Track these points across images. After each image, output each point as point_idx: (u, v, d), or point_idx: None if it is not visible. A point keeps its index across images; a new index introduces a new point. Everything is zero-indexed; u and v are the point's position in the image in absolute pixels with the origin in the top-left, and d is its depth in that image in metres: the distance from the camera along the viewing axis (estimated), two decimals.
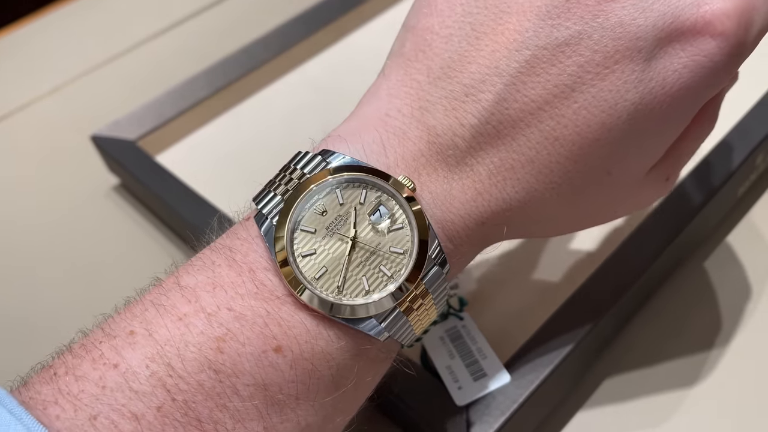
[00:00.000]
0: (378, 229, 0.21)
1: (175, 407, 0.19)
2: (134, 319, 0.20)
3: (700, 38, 0.21)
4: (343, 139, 0.22)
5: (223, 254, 0.21)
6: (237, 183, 0.42)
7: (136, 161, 0.41)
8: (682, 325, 0.31)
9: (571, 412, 0.29)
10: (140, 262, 0.40)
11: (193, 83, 0.45)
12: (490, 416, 0.26)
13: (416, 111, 0.22)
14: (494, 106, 0.21)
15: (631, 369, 0.30)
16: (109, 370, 0.19)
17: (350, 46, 0.50)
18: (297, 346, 0.20)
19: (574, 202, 0.23)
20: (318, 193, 0.21)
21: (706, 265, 0.33)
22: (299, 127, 0.45)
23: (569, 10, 0.21)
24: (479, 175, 0.22)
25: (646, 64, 0.21)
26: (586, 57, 0.21)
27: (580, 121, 0.21)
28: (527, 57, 0.21)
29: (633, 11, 0.21)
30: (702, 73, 0.21)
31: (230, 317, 0.20)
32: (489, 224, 0.23)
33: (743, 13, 0.21)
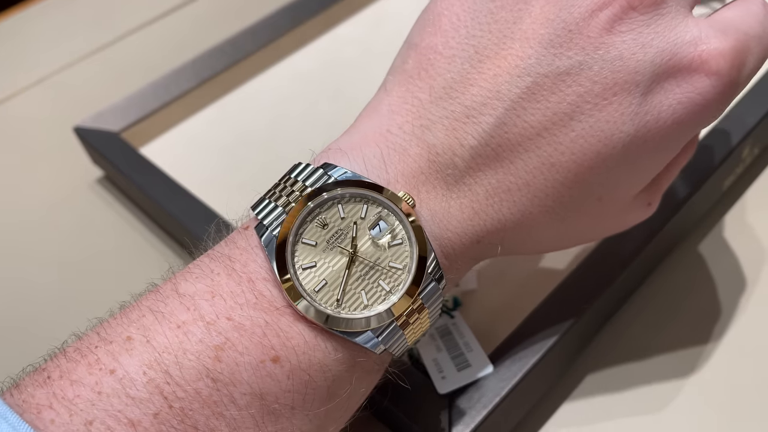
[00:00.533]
0: (378, 243, 0.21)
1: (171, 414, 0.19)
2: (131, 325, 0.20)
3: (695, 76, 0.21)
4: (344, 152, 0.23)
5: (222, 263, 0.21)
6: (222, 175, 0.42)
7: (119, 153, 0.40)
8: (667, 319, 0.31)
9: (555, 405, 0.29)
10: (124, 255, 0.39)
11: (178, 75, 0.45)
12: (473, 409, 0.26)
13: (417, 129, 0.23)
14: (494, 129, 0.22)
15: (615, 362, 0.30)
16: (106, 376, 0.19)
17: (337, 38, 0.50)
18: (294, 357, 0.20)
19: (564, 225, 0.23)
20: (320, 207, 0.21)
21: (690, 258, 0.33)
22: (285, 120, 0.44)
23: (571, 41, 0.21)
24: (477, 195, 0.23)
25: (642, 98, 0.21)
26: (585, 87, 0.21)
27: (576, 149, 0.22)
28: (528, 83, 0.21)
29: (633, 46, 0.21)
30: (695, 109, 0.22)
31: (229, 326, 0.20)
32: (484, 242, 0.23)
33: (737, 55, 0.21)
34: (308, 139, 0.43)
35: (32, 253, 0.40)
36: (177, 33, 0.53)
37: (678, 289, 0.32)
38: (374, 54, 0.48)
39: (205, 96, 0.45)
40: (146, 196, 0.38)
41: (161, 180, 0.38)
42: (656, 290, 0.32)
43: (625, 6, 0.21)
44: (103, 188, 0.43)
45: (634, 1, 0.21)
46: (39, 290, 0.38)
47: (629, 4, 0.21)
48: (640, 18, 0.21)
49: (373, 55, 0.48)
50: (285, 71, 0.48)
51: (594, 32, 0.21)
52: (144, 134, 0.44)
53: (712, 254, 0.33)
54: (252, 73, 0.47)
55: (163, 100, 0.44)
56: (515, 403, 0.27)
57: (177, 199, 0.37)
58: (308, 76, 0.47)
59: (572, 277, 0.29)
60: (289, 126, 0.44)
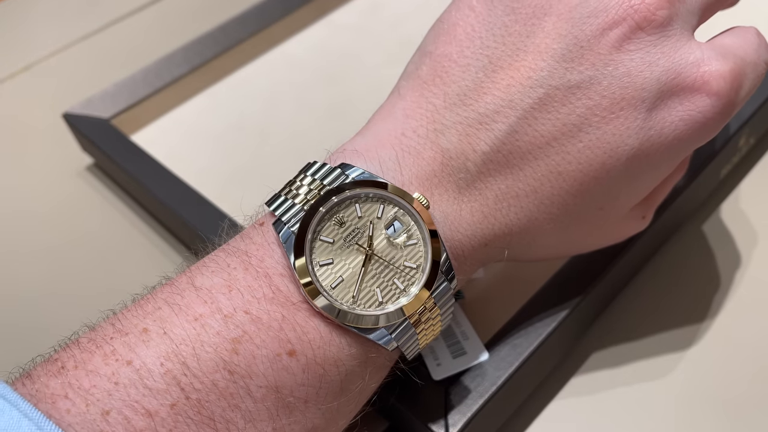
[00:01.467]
0: (393, 243, 0.22)
1: (188, 405, 0.19)
2: (147, 317, 0.20)
3: (697, 95, 0.22)
4: (361, 154, 0.23)
5: (238, 258, 0.22)
6: (214, 163, 0.41)
7: (110, 140, 0.40)
8: (663, 307, 0.31)
9: (551, 394, 0.29)
10: (114, 243, 0.39)
11: (169, 61, 0.44)
12: (470, 399, 0.25)
13: (431, 133, 0.24)
14: (506, 136, 0.23)
15: (611, 351, 0.30)
16: (123, 366, 0.19)
17: (331, 24, 0.49)
18: (310, 351, 0.21)
19: (565, 233, 0.24)
20: (338, 205, 0.22)
21: (687, 246, 0.33)
22: (278, 107, 0.44)
23: (582, 56, 0.22)
24: (487, 199, 0.23)
25: (648, 114, 0.22)
26: (594, 101, 0.22)
27: (583, 159, 0.23)
28: (541, 94, 0.23)
29: (640, 64, 0.22)
30: (695, 127, 0.23)
31: (246, 320, 0.20)
32: (491, 246, 0.24)
33: (736, 77, 0.23)
34: (301, 127, 0.42)
35: (20, 241, 0.39)
36: (168, 19, 0.52)
37: (675, 275, 0.32)
38: (368, 41, 0.47)
39: (197, 83, 0.45)
40: (137, 183, 0.37)
41: (152, 167, 0.38)
42: (654, 277, 0.32)
43: (634, 26, 0.22)
44: (93, 176, 0.42)
45: (643, 22, 0.22)
46: (27, 279, 0.37)
47: (638, 24, 0.22)
48: (647, 38, 0.22)
49: (366, 43, 0.47)
50: (278, 58, 0.47)
51: (604, 49, 0.22)
52: (134, 121, 0.43)
53: (709, 241, 0.33)
54: (244, 60, 0.47)
55: (154, 87, 0.43)
56: (512, 391, 0.27)
57: (168, 187, 0.37)
58: (301, 63, 0.46)
59: (569, 265, 0.29)
60: (281, 113, 0.43)
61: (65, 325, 0.23)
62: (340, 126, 0.42)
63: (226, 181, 0.40)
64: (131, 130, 0.43)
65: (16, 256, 0.39)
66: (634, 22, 0.22)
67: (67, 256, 0.38)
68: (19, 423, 0.17)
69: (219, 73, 0.46)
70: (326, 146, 0.40)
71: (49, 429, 0.18)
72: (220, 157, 0.41)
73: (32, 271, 0.38)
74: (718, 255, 0.33)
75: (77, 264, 0.38)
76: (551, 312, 0.28)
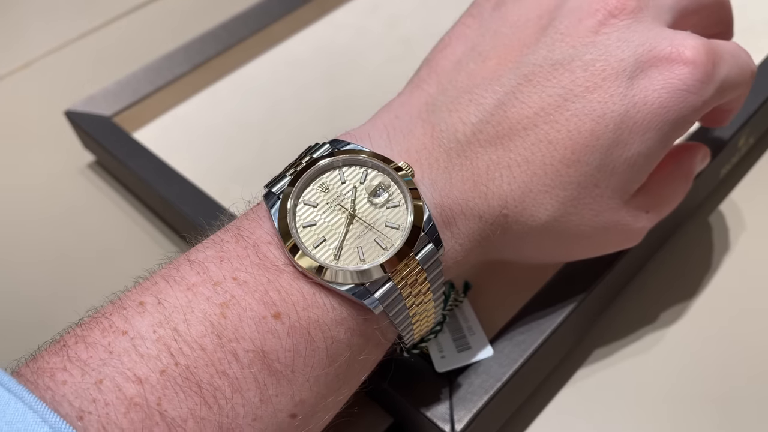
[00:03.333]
0: (376, 205, 0.23)
1: (177, 371, 0.19)
2: (144, 292, 0.21)
3: (674, 65, 0.24)
4: (353, 135, 0.25)
5: (231, 232, 0.23)
6: (215, 160, 0.41)
7: (112, 137, 0.40)
8: (665, 305, 0.31)
9: (554, 391, 0.29)
10: (116, 240, 0.39)
11: (170, 59, 0.44)
12: (475, 395, 0.25)
13: (423, 113, 0.25)
14: (494, 108, 0.24)
15: (614, 348, 0.30)
16: (118, 337, 0.20)
17: (332, 23, 0.49)
18: (294, 313, 0.21)
19: (564, 212, 0.24)
20: (321, 172, 0.23)
21: (688, 244, 0.34)
22: (279, 105, 0.44)
23: (563, 41, 0.24)
24: (478, 168, 0.24)
25: (629, 82, 0.24)
26: (576, 74, 0.24)
27: (572, 127, 0.24)
28: (526, 72, 0.24)
29: (616, 41, 0.24)
30: (677, 94, 0.24)
31: (234, 285, 0.21)
32: (486, 219, 0.24)
33: (710, 51, 0.24)
34: (302, 125, 0.42)
35: (22, 239, 0.39)
36: (170, 17, 0.53)
37: (676, 274, 0.32)
38: (369, 40, 0.47)
39: (199, 81, 0.45)
40: (139, 180, 0.37)
41: (154, 164, 0.38)
42: (655, 275, 0.33)
43: (608, 14, 0.24)
44: (95, 173, 0.42)
45: (615, 10, 0.24)
46: (29, 277, 0.37)
47: (611, 13, 0.24)
48: (620, 23, 0.24)
49: (367, 42, 0.47)
50: (279, 57, 0.47)
51: (582, 33, 0.24)
52: (136, 119, 0.43)
53: (709, 239, 0.34)
54: (245, 58, 0.47)
55: (156, 85, 0.43)
56: (516, 387, 0.27)
57: (170, 184, 0.37)
58: (302, 62, 0.47)
59: (572, 263, 0.29)
60: (282, 112, 0.43)
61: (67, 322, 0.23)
62: (340, 124, 0.42)
63: (227, 178, 0.40)
64: (133, 128, 0.43)
65: (18, 254, 0.39)
66: (607, 11, 0.24)
67: (68, 254, 0.38)
68: (24, 415, 0.18)
69: (220, 72, 0.46)
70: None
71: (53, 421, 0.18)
72: (221, 155, 0.41)
73: (34, 268, 0.38)
74: (718, 253, 0.33)
75: (79, 261, 0.38)
76: (554, 309, 0.28)
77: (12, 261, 0.38)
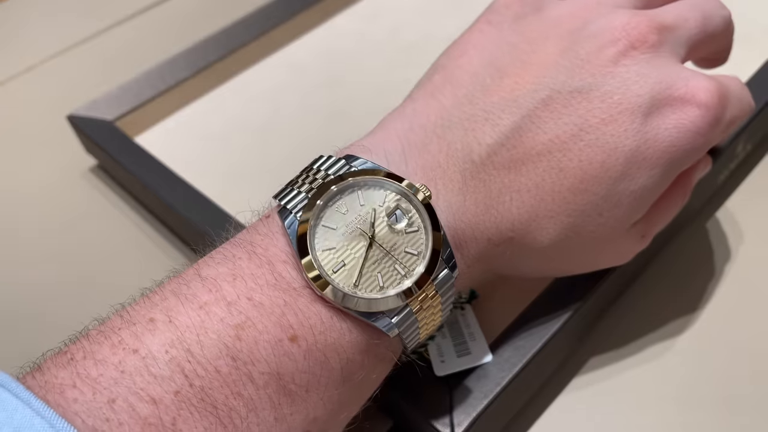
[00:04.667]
0: (395, 229, 0.22)
1: (192, 392, 0.19)
2: (154, 308, 0.21)
3: (687, 106, 0.24)
4: (367, 148, 0.24)
5: (243, 248, 0.22)
6: (218, 165, 0.41)
7: (114, 142, 0.40)
8: (663, 311, 0.32)
9: (553, 395, 0.29)
10: (118, 244, 0.39)
11: (172, 64, 0.45)
12: (474, 399, 0.26)
13: (438, 128, 0.25)
14: (511, 131, 0.24)
15: (612, 352, 0.30)
16: (129, 355, 0.19)
17: (334, 28, 0.49)
18: (312, 336, 0.21)
19: (567, 239, 0.25)
20: (341, 193, 0.23)
21: (686, 250, 0.34)
22: (281, 110, 0.44)
23: (583, 68, 0.24)
24: (490, 191, 0.24)
25: (644, 119, 0.24)
26: (594, 104, 0.24)
27: (583, 157, 0.24)
28: (544, 96, 0.24)
29: (635, 75, 0.24)
30: (687, 135, 0.24)
31: (249, 306, 0.21)
32: (493, 242, 0.25)
33: (722, 94, 0.25)
34: (303, 130, 0.43)
35: (24, 243, 0.40)
36: (172, 21, 0.53)
37: (674, 280, 0.33)
38: (370, 46, 0.48)
39: (200, 86, 0.45)
40: (141, 184, 0.38)
41: (156, 169, 0.38)
42: (653, 281, 0.33)
43: (629, 46, 0.25)
44: (97, 177, 0.43)
45: (636, 42, 0.25)
46: (31, 280, 0.38)
47: (632, 44, 0.25)
48: (640, 56, 0.25)
49: (369, 47, 0.48)
50: (280, 62, 0.47)
51: (602, 62, 0.24)
52: (138, 123, 0.43)
53: (707, 246, 0.34)
54: (247, 63, 0.47)
55: (158, 89, 0.43)
56: (515, 392, 0.27)
57: (172, 188, 0.37)
58: (304, 67, 0.47)
59: None
60: (284, 116, 0.44)
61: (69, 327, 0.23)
62: (341, 129, 0.42)
63: (229, 182, 0.40)
64: (135, 132, 0.43)
65: (20, 258, 0.39)
66: (629, 42, 0.25)
67: (70, 258, 0.38)
68: (31, 422, 0.18)
69: (222, 76, 0.46)
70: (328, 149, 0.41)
71: (61, 426, 0.18)
72: (223, 159, 0.42)
73: (36, 272, 0.38)
74: (716, 260, 0.33)
75: (81, 265, 0.38)
76: (553, 315, 0.28)
77: (14, 265, 0.39)
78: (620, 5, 0.27)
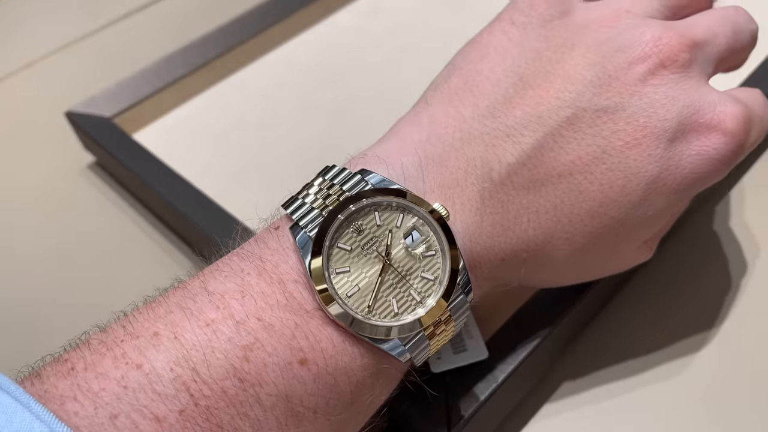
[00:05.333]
0: (411, 253, 0.22)
1: (197, 412, 0.19)
2: (158, 321, 0.20)
3: (713, 133, 0.24)
4: (382, 160, 0.23)
5: (252, 263, 0.21)
6: (216, 162, 0.41)
7: (112, 138, 0.40)
8: (661, 307, 0.32)
9: (550, 391, 0.29)
10: (116, 241, 0.39)
11: (171, 61, 0.45)
12: (470, 397, 0.26)
13: (457, 141, 0.24)
14: (533, 150, 0.23)
15: (610, 348, 0.30)
16: (132, 370, 0.19)
17: (332, 26, 0.49)
18: (322, 360, 0.20)
19: (578, 258, 0.25)
20: (357, 213, 0.22)
21: (685, 246, 0.34)
22: (279, 108, 0.44)
23: (610, 84, 0.24)
24: (508, 212, 0.23)
25: (668, 144, 0.24)
26: (619, 126, 0.23)
27: (604, 181, 0.23)
28: (569, 114, 0.23)
29: (663, 97, 0.24)
30: (710, 163, 0.24)
31: (259, 327, 0.20)
32: (506, 262, 0.24)
33: (747, 121, 0.24)
34: (302, 128, 0.43)
35: (21, 240, 0.40)
36: (171, 19, 0.53)
37: (673, 274, 0.33)
38: (368, 43, 0.48)
39: (199, 83, 0.45)
40: (139, 181, 0.38)
41: (154, 166, 0.38)
42: (651, 276, 0.33)
43: (659, 64, 0.24)
44: (95, 174, 0.43)
45: (666, 61, 0.24)
46: (28, 278, 0.38)
47: (662, 62, 0.24)
48: (670, 76, 0.24)
49: (367, 45, 0.48)
50: (279, 59, 0.47)
51: (630, 81, 0.24)
52: (137, 120, 0.43)
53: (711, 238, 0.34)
54: (246, 60, 0.47)
55: (157, 86, 0.43)
56: (511, 389, 0.27)
57: (169, 185, 0.37)
58: (303, 65, 0.47)
59: None
60: (282, 114, 0.44)
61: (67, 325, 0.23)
62: (340, 127, 0.42)
63: (227, 180, 0.40)
64: (133, 129, 0.43)
65: (17, 255, 0.39)
66: (659, 60, 0.24)
67: (67, 255, 0.38)
68: (31, 425, 0.17)
69: (221, 74, 0.46)
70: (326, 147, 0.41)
71: (60, 431, 0.17)
72: (221, 157, 0.42)
73: (33, 270, 0.38)
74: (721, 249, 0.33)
75: (78, 262, 0.38)
76: (550, 312, 0.28)
77: (10, 261, 0.39)
78: (650, 14, 0.26)
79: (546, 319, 0.28)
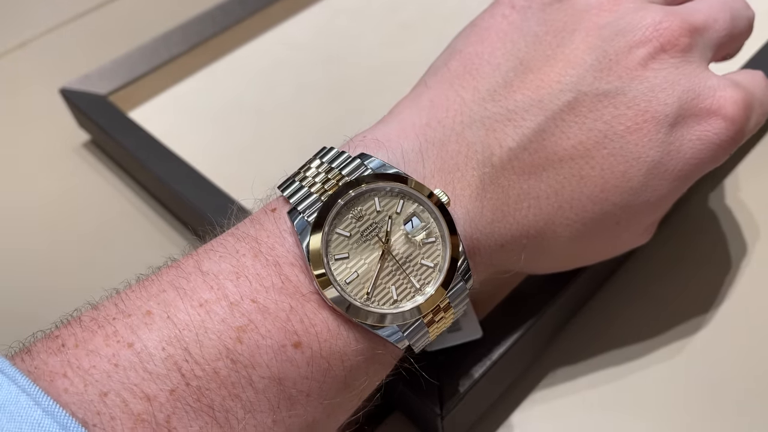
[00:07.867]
0: (411, 240, 0.22)
1: (188, 392, 0.19)
2: (151, 299, 0.20)
3: (713, 118, 0.24)
4: (382, 143, 0.23)
5: (248, 244, 0.21)
6: (212, 141, 0.41)
7: (107, 116, 0.40)
8: (654, 291, 0.32)
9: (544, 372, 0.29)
10: (110, 220, 0.39)
11: (167, 39, 0.44)
12: (464, 374, 0.26)
13: (457, 125, 0.24)
14: (534, 134, 0.23)
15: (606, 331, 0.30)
16: (123, 349, 0.19)
17: (331, 6, 0.49)
18: (317, 344, 0.20)
19: (579, 242, 0.25)
20: (356, 198, 0.21)
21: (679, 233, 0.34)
22: (276, 87, 0.44)
23: (610, 68, 0.24)
24: (508, 197, 0.23)
25: (669, 129, 0.23)
26: (620, 110, 0.23)
27: (606, 166, 0.23)
28: (570, 98, 0.23)
29: (663, 82, 0.24)
30: (710, 147, 0.24)
31: (253, 308, 0.20)
32: (506, 248, 0.24)
33: (747, 106, 0.24)
34: (299, 107, 0.42)
35: (16, 217, 0.39)
36: None
37: (667, 260, 0.33)
38: (367, 23, 0.47)
39: (195, 61, 0.45)
40: (134, 159, 0.37)
41: (150, 144, 0.38)
42: (646, 262, 0.33)
43: (659, 48, 0.24)
44: (90, 152, 0.42)
45: (667, 45, 0.24)
46: (23, 257, 0.37)
47: (662, 47, 0.24)
48: (670, 60, 0.24)
49: (365, 25, 0.47)
50: (276, 39, 0.47)
51: (631, 65, 0.24)
52: (132, 98, 0.43)
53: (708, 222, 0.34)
54: (243, 39, 0.47)
55: (152, 65, 0.43)
56: (504, 368, 0.27)
57: (165, 163, 0.37)
58: (300, 45, 0.46)
59: None
60: (279, 94, 0.43)
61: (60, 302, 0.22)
62: (337, 107, 0.42)
63: (223, 158, 0.40)
64: (129, 107, 0.43)
65: (10, 234, 0.39)
66: (659, 44, 0.24)
67: (62, 233, 0.38)
68: (17, 397, 0.17)
69: (217, 52, 0.46)
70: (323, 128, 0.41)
71: (46, 404, 0.17)
72: (217, 135, 0.41)
73: (28, 249, 0.38)
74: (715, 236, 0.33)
75: (72, 241, 0.38)
76: (545, 292, 0.28)
77: (4, 241, 0.38)
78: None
79: (541, 299, 0.28)
